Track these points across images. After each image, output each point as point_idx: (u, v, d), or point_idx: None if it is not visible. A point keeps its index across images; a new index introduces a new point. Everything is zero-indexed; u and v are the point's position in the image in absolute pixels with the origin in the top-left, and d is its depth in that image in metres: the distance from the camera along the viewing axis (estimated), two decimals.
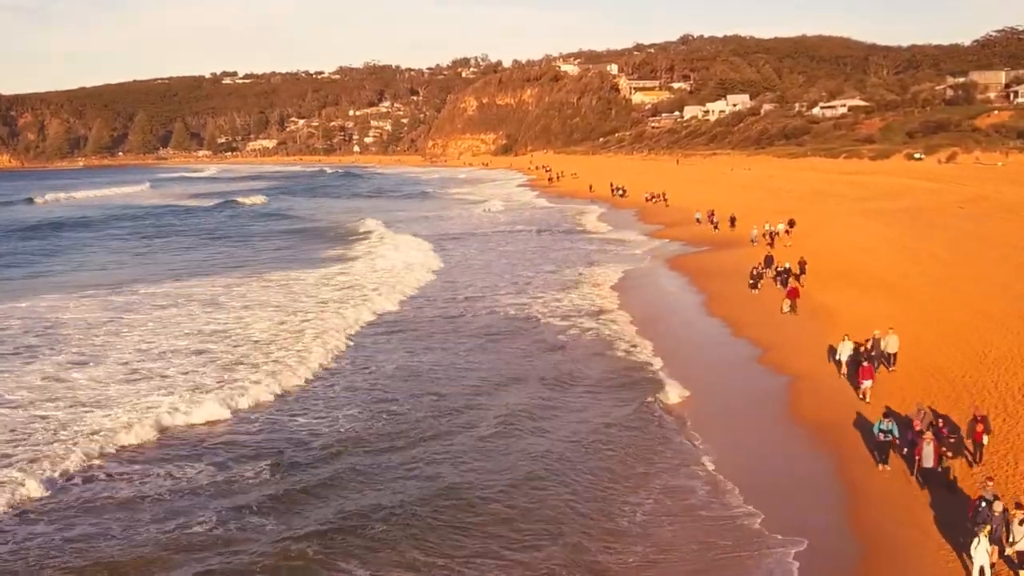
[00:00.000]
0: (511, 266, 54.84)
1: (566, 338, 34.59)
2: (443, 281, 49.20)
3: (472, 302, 43.07)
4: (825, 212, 64.48)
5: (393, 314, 40.54)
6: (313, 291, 46.32)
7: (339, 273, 52.64)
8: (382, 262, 56.82)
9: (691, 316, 37.63)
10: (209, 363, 31.33)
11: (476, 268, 54.61)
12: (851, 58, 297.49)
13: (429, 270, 52.63)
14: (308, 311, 40.36)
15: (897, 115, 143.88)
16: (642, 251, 58.51)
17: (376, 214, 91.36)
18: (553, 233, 72.72)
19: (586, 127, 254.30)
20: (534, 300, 42.74)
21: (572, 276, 49.46)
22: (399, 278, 49.88)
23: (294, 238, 76.15)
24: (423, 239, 68.22)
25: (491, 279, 49.92)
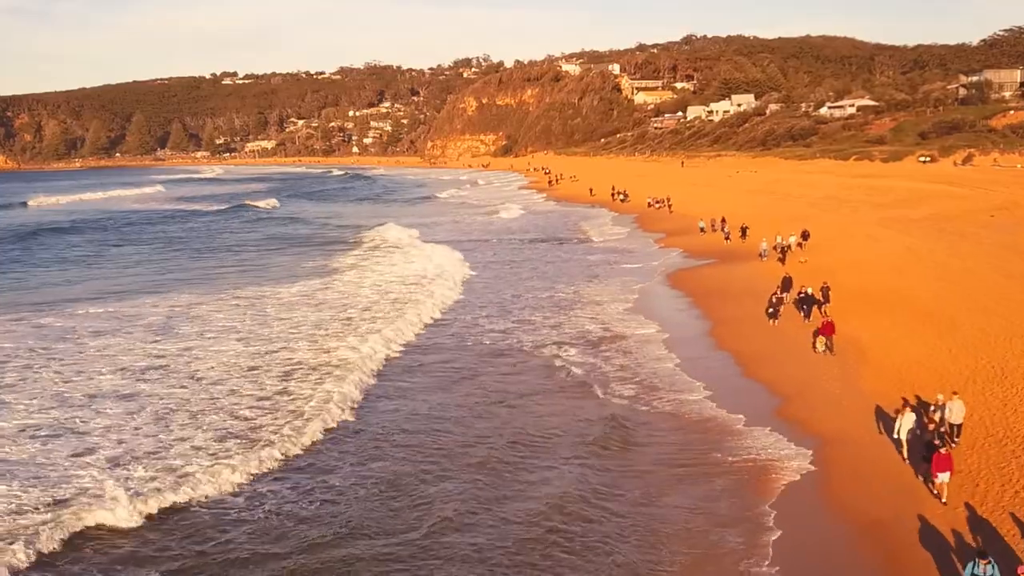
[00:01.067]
0: (518, 281, 49.72)
1: (551, 382, 29.75)
2: (457, 310, 43.43)
3: (485, 334, 36.97)
4: (841, 221, 59.64)
5: (401, 348, 34.53)
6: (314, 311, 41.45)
7: (333, 290, 47.83)
8: (392, 272, 52.25)
9: (694, 349, 32.14)
10: (140, 413, 26.27)
11: (486, 287, 49.31)
12: (856, 58, 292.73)
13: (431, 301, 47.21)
14: (290, 337, 35.60)
15: (908, 115, 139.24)
16: (643, 264, 53.53)
17: (390, 220, 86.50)
18: (552, 243, 67.68)
19: (587, 128, 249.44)
20: (523, 325, 37.94)
21: (569, 295, 44.53)
22: (410, 293, 45.29)
23: (306, 245, 71.31)
24: (428, 251, 62.83)
25: (503, 300, 44.41)
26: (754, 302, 37.41)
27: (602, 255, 58.65)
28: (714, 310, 37.44)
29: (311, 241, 74.10)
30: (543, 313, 39.76)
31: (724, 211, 70.89)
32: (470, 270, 53.00)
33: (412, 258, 58.95)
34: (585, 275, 50.33)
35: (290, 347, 33.64)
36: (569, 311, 39.84)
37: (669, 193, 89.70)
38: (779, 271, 43.51)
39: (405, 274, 51.72)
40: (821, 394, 25.16)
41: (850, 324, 30.54)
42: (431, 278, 49.90)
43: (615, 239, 67.69)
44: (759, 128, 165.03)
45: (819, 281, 35.95)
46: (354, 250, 65.63)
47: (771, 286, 40.06)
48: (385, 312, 40.40)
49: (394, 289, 46.86)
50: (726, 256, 52.00)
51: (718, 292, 41.37)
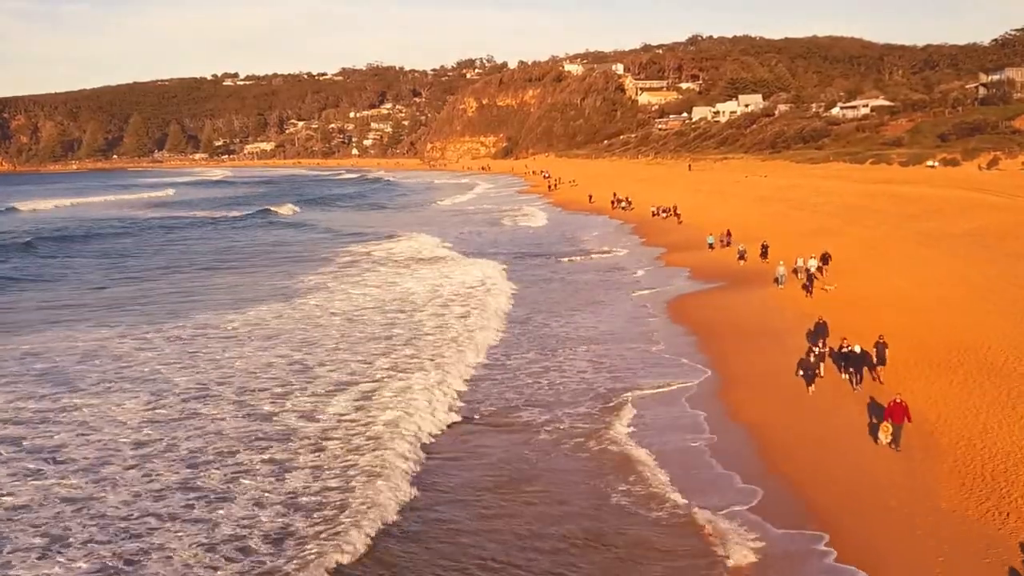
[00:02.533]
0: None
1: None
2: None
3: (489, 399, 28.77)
4: (868, 236, 52.59)
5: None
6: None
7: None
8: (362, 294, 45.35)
9: (703, 422, 24.36)
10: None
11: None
12: (865, 58, 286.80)
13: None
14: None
15: (926, 116, 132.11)
16: (644, 288, 46.62)
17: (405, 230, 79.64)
18: (544, 259, 60.79)
19: (590, 129, 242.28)
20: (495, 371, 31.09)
21: (558, 329, 37.68)
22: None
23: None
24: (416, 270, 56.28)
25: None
26: (774, 345, 30.42)
27: (596, 274, 51.68)
28: (725, 358, 30.07)
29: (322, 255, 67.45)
30: (528, 355, 32.92)
31: (734, 221, 64.04)
32: (448, 294, 46.11)
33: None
34: (576, 301, 43.35)
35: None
36: (556, 354, 32.93)
37: (675, 200, 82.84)
38: (803, 303, 36.53)
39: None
40: (882, 516, 17.54)
41: (910, 391, 23.12)
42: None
43: (613, 255, 60.54)
44: (768, 129, 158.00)
45: (852, 316, 29.18)
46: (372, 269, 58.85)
47: (791, 322, 33.17)
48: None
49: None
50: (738, 279, 44.79)
51: (729, 328, 34.20)
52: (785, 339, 30.39)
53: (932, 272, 38.99)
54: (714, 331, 34.06)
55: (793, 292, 38.76)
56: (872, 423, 22.33)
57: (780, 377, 26.88)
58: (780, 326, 32.65)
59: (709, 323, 35.47)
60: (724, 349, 31.14)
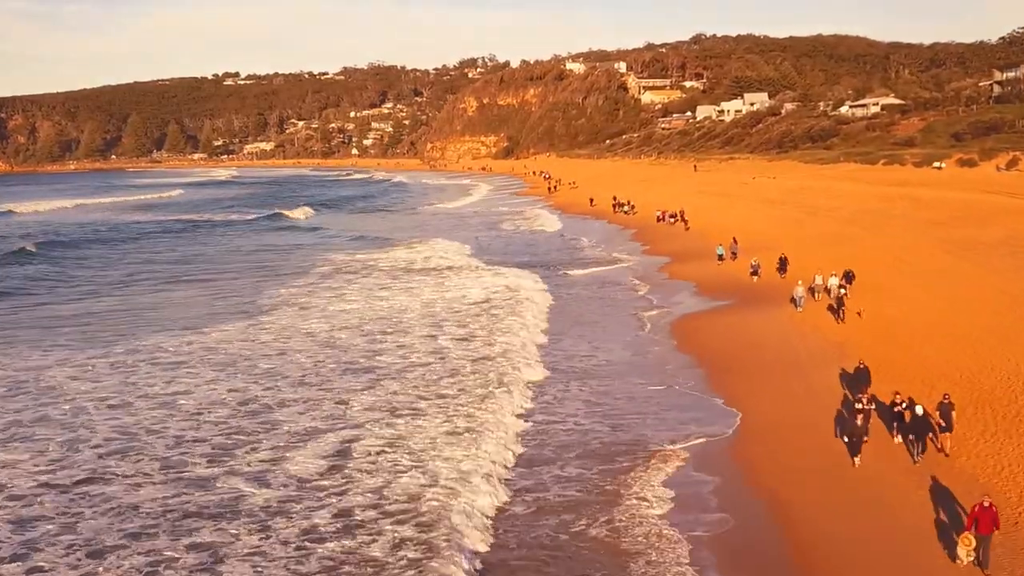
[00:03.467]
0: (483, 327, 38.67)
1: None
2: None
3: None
4: (892, 246, 48.18)
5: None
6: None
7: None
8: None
9: (711, 495, 19.61)
10: None
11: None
12: (871, 56, 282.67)
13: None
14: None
15: (938, 114, 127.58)
16: (644, 304, 42.31)
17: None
18: (542, 270, 56.42)
19: (592, 128, 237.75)
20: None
21: (546, 357, 33.41)
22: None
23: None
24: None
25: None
26: (798, 382, 25.97)
27: (594, 290, 47.32)
28: (741, 399, 25.46)
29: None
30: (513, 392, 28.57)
31: (742, 227, 59.84)
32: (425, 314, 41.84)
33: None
34: (569, 322, 38.90)
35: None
36: (543, 392, 28.57)
37: (679, 202, 78.55)
38: (827, 329, 32.07)
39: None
40: None
41: (973, 455, 18.58)
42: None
43: (613, 266, 56.06)
44: (774, 129, 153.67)
45: (888, 349, 24.80)
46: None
47: (817, 353, 28.78)
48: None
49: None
50: (750, 297, 40.18)
51: (743, 359, 29.71)
52: (811, 374, 26.04)
53: (970, 290, 34.57)
54: (726, 363, 29.57)
55: (814, 315, 34.18)
56: (941, 520, 17.10)
57: (811, 432, 22.10)
58: (804, 358, 28.29)
59: (720, 352, 30.99)
60: (739, 388, 26.59)
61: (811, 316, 34.12)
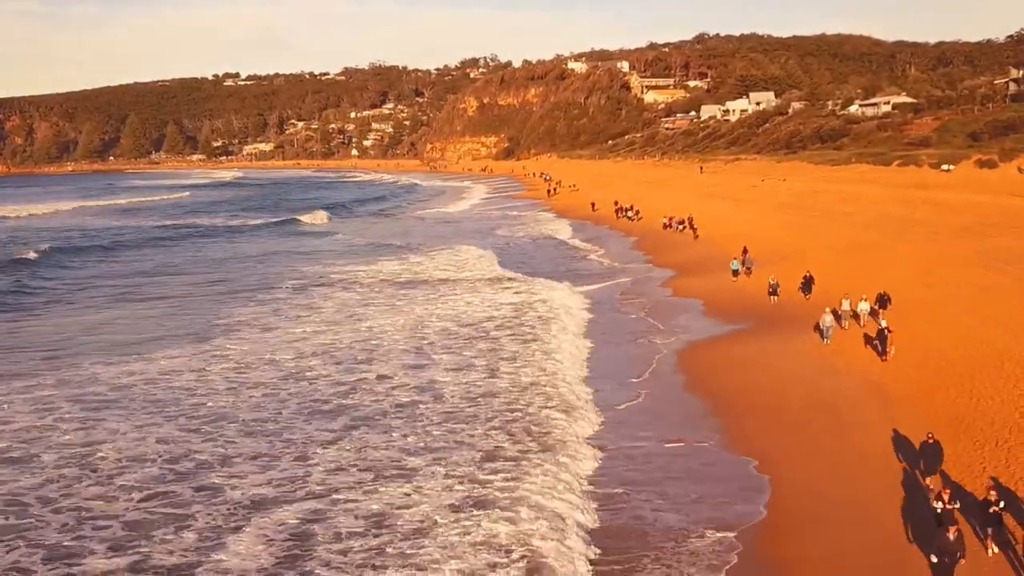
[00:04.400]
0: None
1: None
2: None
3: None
4: (923, 257, 43.60)
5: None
6: None
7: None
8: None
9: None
10: None
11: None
12: (877, 55, 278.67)
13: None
14: None
15: (952, 113, 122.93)
16: (646, 329, 37.68)
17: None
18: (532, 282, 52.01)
19: (593, 128, 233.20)
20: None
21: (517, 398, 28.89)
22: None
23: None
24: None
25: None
26: (839, 443, 20.83)
27: (590, 313, 42.79)
28: (771, 462, 20.58)
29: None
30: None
31: (752, 234, 55.38)
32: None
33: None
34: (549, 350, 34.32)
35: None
36: (519, 465, 23.90)
37: (685, 207, 74.15)
38: (863, 366, 27.43)
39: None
40: None
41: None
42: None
43: (613, 281, 51.31)
44: (782, 129, 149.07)
45: (946, 394, 20.20)
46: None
47: (853, 398, 24.14)
48: None
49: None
50: (767, 321, 35.33)
51: (765, 406, 24.72)
52: (852, 429, 21.35)
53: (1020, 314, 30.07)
54: (745, 408, 24.72)
55: (845, 347, 29.31)
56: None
57: (863, 515, 17.12)
58: (840, 405, 23.53)
59: (737, 393, 26.11)
60: (765, 445, 21.67)
61: (841, 348, 29.31)
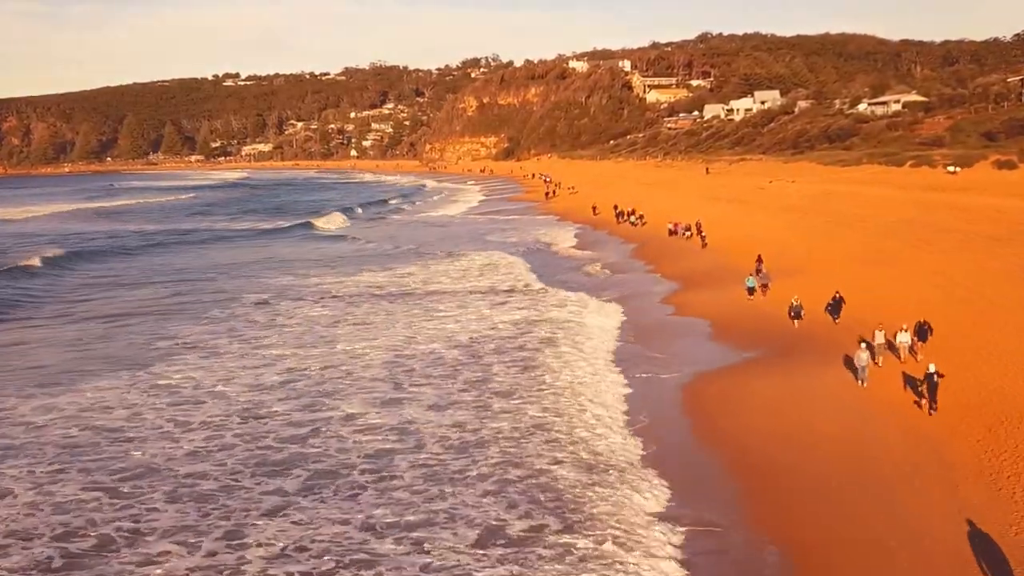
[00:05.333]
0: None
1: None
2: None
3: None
4: (948, 269, 39.25)
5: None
6: None
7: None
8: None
9: None
10: None
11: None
12: (882, 54, 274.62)
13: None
14: None
15: (965, 112, 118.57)
16: (640, 376, 32.83)
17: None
18: (518, 296, 47.60)
19: (595, 128, 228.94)
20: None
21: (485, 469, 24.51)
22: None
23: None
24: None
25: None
26: (892, 525, 16.20)
27: (577, 339, 38.39)
28: (798, 555, 15.88)
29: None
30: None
31: (763, 241, 51.07)
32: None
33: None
34: (526, 394, 29.25)
35: None
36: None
37: (690, 210, 69.88)
38: (919, 420, 23.00)
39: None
40: None
41: None
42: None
43: (604, 293, 46.82)
44: (788, 128, 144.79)
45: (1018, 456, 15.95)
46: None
47: (906, 464, 19.63)
48: None
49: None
50: (787, 347, 30.55)
51: (793, 469, 19.82)
52: (908, 517, 16.67)
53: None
54: (763, 469, 20.06)
55: (884, 389, 24.52)
56: None
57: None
58: (890, 474, 18.65)
59: (757, 451, 21.30)
60: (790, 526, 17.01)
61: (879, 389, 24.49)
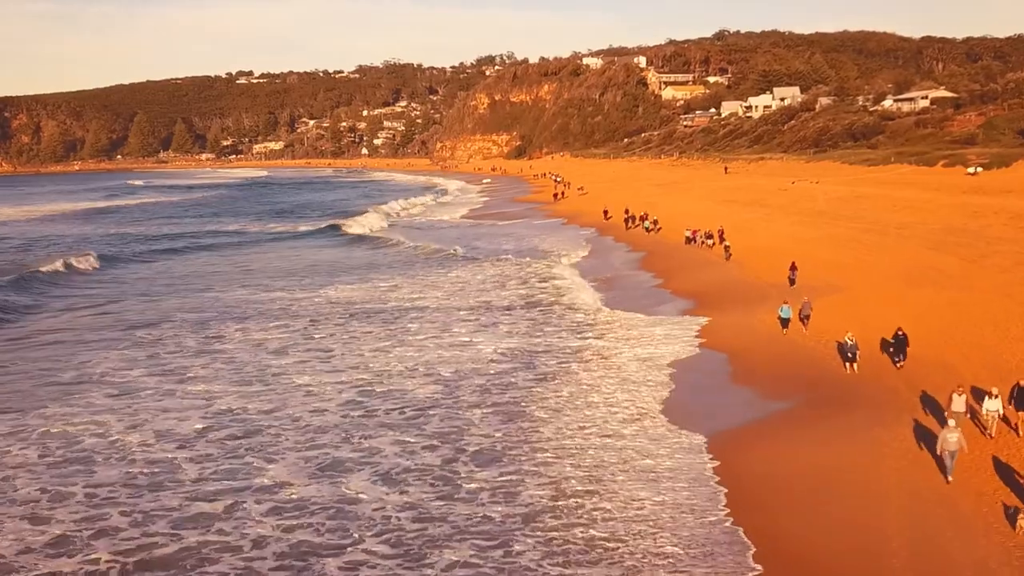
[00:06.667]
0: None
1: None
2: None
3: None
4: (1018, 292, 33.53)
5: None
6: None
7: None
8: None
9: None
10: None
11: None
12: (903, 51, 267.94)
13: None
14: None
15: (998, 108, 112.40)
16: (642, 444, 26.85)
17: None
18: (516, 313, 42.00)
19: (609, 126, 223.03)
20: None
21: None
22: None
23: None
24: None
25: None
26: None
27: (561, 383, 32.85)
28: None
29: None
30: None
31: (794, 254, 45.38)
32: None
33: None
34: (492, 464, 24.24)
35: None
36: None
37: (707, 215, 64.26)
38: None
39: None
40: None
41: None
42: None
43: (610, 315, 41.08)
44: (809, 126, 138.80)
45: None
46: None
47: None
48: None
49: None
50: (832, 396, 24.35)
51: (850, 567, 14.76)
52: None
53: None
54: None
55: (974, 483, 18.09)
56: None
57: None
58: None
59: (798, 554, 15.75)
60: None
61: (969, 481, 17.93)
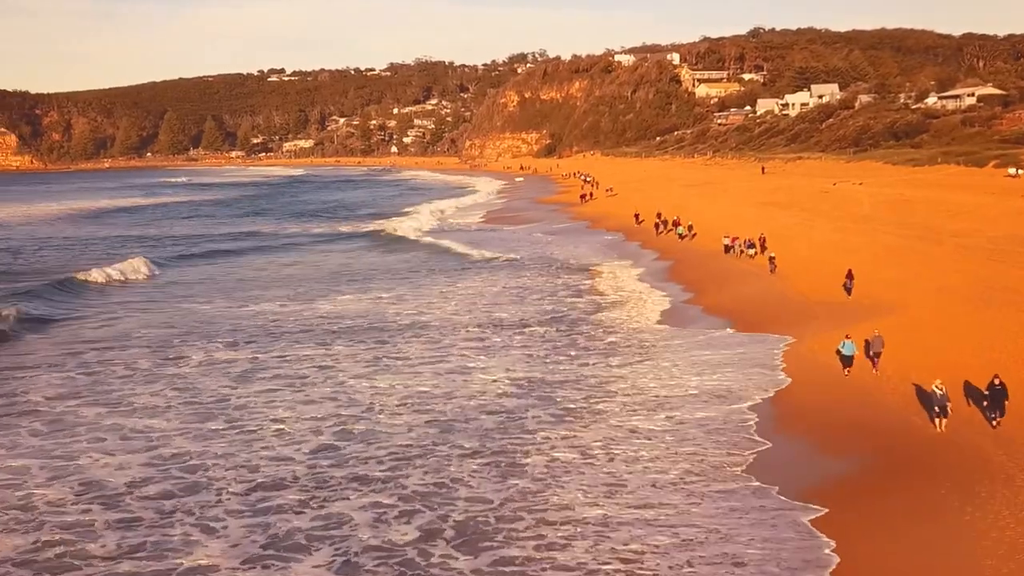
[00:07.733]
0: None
1: None
2: None
3: None
4: None
5: None
6: None
7: None
8: None
9: None
10: None
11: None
12: (943, 48, 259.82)
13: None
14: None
15: None
16: (658, 541, 22.28)
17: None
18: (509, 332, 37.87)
19: (641, 124, 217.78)
20: None
21: None
22: None
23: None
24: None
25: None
26: None
27: (557, 441, 28.56)
28: None
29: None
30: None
31: (838, 265, 40.99)
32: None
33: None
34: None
35: None
36: None
37: (743, 219, 59.90)
38: None
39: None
40: None
41: None
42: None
43: (607, 337, 36.78)
44: (849, 124, 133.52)
45: None
46: None
47: None
48: None
49: None
50: (907, 460, 19.53)
51: None
52: None
53: None
54: None
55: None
56: None
57: None
58: None
59: None
60: None
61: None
